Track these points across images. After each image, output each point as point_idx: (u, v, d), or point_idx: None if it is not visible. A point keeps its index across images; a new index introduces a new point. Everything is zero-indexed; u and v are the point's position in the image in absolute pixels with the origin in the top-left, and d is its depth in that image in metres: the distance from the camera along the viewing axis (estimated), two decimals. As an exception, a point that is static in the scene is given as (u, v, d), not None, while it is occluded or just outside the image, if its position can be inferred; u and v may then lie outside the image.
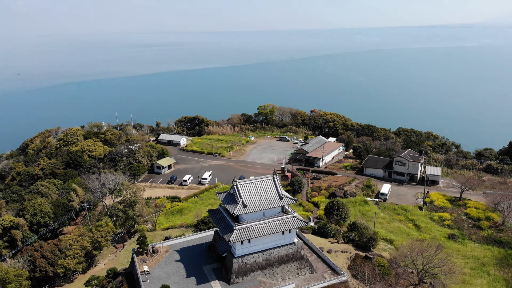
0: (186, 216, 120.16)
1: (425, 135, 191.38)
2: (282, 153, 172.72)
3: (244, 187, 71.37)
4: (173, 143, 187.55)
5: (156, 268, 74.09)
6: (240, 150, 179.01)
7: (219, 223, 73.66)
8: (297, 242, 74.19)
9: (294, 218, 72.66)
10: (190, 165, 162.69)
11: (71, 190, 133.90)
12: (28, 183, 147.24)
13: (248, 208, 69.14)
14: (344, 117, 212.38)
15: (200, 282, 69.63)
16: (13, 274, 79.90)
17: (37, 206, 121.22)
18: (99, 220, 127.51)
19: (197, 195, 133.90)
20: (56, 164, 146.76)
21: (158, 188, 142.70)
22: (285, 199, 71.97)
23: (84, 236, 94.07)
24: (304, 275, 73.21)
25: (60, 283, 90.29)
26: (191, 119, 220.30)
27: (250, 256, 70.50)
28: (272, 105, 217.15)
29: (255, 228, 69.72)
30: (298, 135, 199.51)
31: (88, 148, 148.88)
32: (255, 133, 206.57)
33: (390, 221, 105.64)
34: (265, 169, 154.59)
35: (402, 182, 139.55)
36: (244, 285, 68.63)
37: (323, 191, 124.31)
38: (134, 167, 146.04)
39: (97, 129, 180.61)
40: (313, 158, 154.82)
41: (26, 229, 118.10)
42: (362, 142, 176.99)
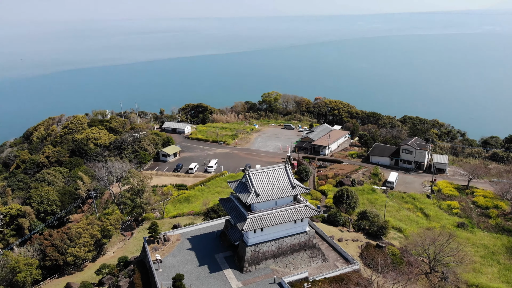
0: (194, 204, 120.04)
1: (430, 123, 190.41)
2: (287, 141, 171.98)
3: (256, 176, 70.84)
4: (177, 131, 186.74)
5: (168, 257, 74.02)
6: (245, 138, 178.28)
7: (231, 212, 73.35)
8: (309, 231, 73.99)
9: (306, 207, 72.31)
10: (195, 153, 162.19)
11: (77, 178, 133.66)
12: (33, 171, 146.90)
13: (261, 197, 68.72)
14: (349, 104, 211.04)
15: (213, 271, 69.58)
16: (23, 263, 79.92)
17: (43, 194, 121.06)
18: (106, 208, 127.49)
19: (204, 183, 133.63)
20: (61, 152, 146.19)
21: (164, 176, 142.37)
22: (297, 188, 71.51)
23: (93, 224, 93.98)
24: (316, 264, 73.17)
25: (70, 271, 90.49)
26: (195, 106, 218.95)
27: (262, 245, 70.35)
28: (276, 92, 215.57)
29: (267, 217, 69.41)
30: (302, 123, 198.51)
31: (93, 136, 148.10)
32: (259, 121, 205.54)
33: (398, 209, 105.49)
34: (271, 157, 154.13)
35: (409, 170, 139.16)
36: (257, 274, 68.60)
37: (330, 180, 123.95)
38: (140, 155, 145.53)
39: (102, 116, 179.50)
40: (319, 146, 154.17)
41: (33, 217, 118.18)
42: (368, 130, 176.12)
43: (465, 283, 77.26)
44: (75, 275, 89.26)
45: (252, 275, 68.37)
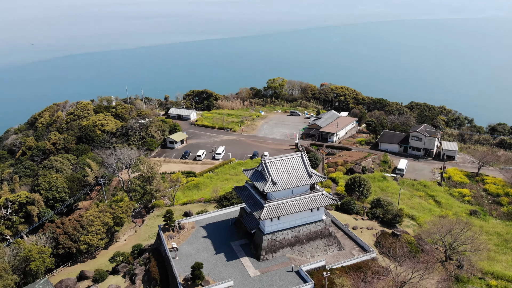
0: (203, 191, 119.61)
1: (438, 110, 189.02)
2: (293, 128, 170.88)
3: (272, 164, 70.06)
4: (183, 117, 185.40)
5: (184, 245, 73.73)
6: (251, 125, 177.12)
7: (247, 200, 72.78)
8: (325, 219, 73.57)
9: (323, 195, 71.72)
10: (202, 140, 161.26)
11: (85, 165, 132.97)
12: (40, 157, 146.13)
13: (278, 186, 68.05)
14: (355, 91, 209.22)
15: (230, 259, 69.35)
16: (36, 252, 79.63)
17: (52, 181, 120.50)
18: (115, 195, 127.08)
19: (212, 170, 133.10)
20: (67, 138, 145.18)
21: (172, 163, 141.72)
22: (314, 177, 70.79)
23: (105, 212, 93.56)
24: (333, 252, 72.95)
25: (82, 259, 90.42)
26: (199, 93, 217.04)
27: (279, 233, 69.98)
28: (282, 78, 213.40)
29: (284, 205, 68.86)
30: (309, 109, 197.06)
31: (100, 122, 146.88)
32: (265, 107, 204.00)
33: (410, 197, 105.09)
34: (278, 144, 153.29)
35: (418, 157, 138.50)
36: (274, 262, 68.38)
37: (339, 167, 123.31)
38: (147, 142, 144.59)
39: (107, 103, 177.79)
40: (327, 133, 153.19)
41: (42, 204, 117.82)
42: (375, 116, 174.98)
43: (480, 271, 77.24)
44: (88, 262, 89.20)
45: (269, 263, 68.15)
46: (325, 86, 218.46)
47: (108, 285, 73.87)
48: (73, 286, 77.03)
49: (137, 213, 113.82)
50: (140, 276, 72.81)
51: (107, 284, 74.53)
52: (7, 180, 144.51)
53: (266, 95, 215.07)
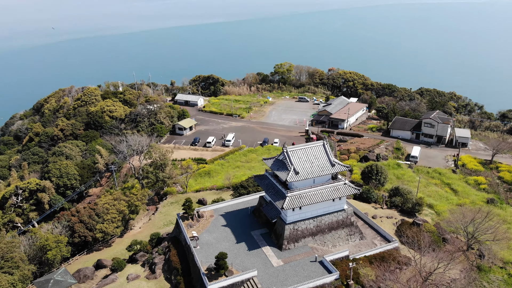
0: (215, 179, 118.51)
1: (448, 96, 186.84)
2: (302, 114, 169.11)
3: (294, 153, 68.69)
4: (190, 103, 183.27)
5: (204, 233, 72.88)
6: (259, 111, 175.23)
7: (268, 190, 71.65)
8: (347, 209, 72.57)
9: (345, 185, 70.56)
10: (210, 127, 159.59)
11: (95, 152, 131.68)
12: (48, 144, 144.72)
13: (300, 175, 66.80)
14: (364, 76, 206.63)
15: (252, 248, 68.58)
16: (53, 241, 78.83)
17: (63, 168, 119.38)
18: (125, 181, 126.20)
19: (223, 157, 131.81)
20: (76, 125, 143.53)
21: (182, 149, 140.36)
22: (337, 166, 69.51)
23: (119, 200, 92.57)
24: (354, 242, 72.19)
25: (98, 247, 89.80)
26: (205, 78, 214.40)
27: (301, 223, 69.04)
28: (289, 63, 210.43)
29: (306, 195, 67.72)
30: (317, 95, 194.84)
31: (108, 108, 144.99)
32: (272, 93, 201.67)
33: (426, 185, 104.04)
34: (288, 131, 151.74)
35: (431, 144, 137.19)
36: (296, 251, 67.61)
37: (353, 154, 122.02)
38: (156, 128, 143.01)
39: (114, 88, 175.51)
40: (337, 120, 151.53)
41: (53, 191, 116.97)
42: (385, 102, 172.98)
43: (501, 260, 76.64)
44: (104, 251, 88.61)
45: (292, 253, 67.39)
46: (333, 71, 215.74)
47: (127, 274, 73.22)
48: (91, 275, 76.45)
49: (149, 200, 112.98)
50: (160, 265, 72.12)
51: (126, 273, 73.90)
52: (15, 166, 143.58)
53: (273, 80, 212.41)
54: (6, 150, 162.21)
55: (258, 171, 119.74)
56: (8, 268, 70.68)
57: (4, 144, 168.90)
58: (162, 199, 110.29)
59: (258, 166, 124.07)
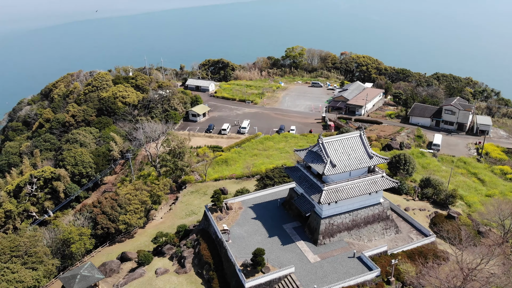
0: (233, 167, 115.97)
1: (464, 81, 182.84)
2: (316, 100, 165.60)
3: (330, 145, 65.83)
4: (201, 88, 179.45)
5: (234, 226, 70.59)
6: (272, 97, 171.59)
7: (301, 182, 69.04)
8: (383, 202, 70.13)
9: (383, 178, 67.92)
10: (223, 113, 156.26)
11: (109, 139, 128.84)
12: (59, 130, 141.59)
13: (337, 168, 64.07)
14: (377, 60, 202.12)
15: (286, 242, 66.34)
16: (76, 234, 76.60)
17: (77, 156, 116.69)
18: (141, 169, 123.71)
19: (239, 145, 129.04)
20: (87, 111, 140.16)
21: (196, 136, 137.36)
22: (375, 158, 66.75)
23: (141, 190, 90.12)
24: (390, 236, 69.98)
25: (120, 238, 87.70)
26: (215, 62, 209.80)
27: (336, 217, 66.65)
28: (301, 47, 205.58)
29: (343, 189, 65.14)
30: (330, 80, 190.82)
31: (120, 94, 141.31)
32: (284, 78, 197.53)
33: (453, 174, 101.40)
34: (303, 117, 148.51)
35: (451, 131, 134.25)
36: (332, 247, 65.42)
37: (374, 142, 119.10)
38: (170, 115, 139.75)
39: (125, 73, 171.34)
40: (355, 106, 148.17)
41: (68, 180, 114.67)
42: (402, 88, 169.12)
43: (537, 254, 74.56)
44: (127, 242, 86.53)
45: (328, 248, 65.20)
46: (346, 55, 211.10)
47: (155, 268, 71.22)
48: (117, 269, 74.48)
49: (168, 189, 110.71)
50: (190, 259, 70.02)
51: (154, 267, 71.91)
52: (26, 154, 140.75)
53: (284, 64, 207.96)
54: (15, 137, 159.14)
55: (277, 160, 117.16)
56: (32, 264, 68.57)
57: (13, 130, 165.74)
58: (181, 188, 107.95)
59: (276, 154, 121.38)
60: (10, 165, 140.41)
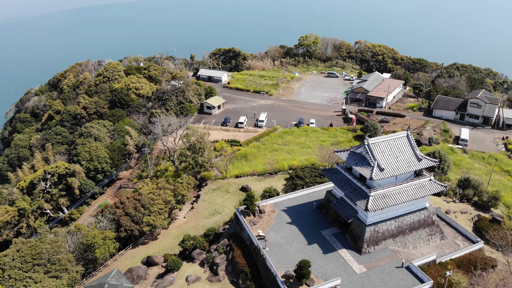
0: (253, 163, 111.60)
1: (484, 72, 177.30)
2: (333, 91, 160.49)
3: (376, 146, 61.33)
4: (214, 79, 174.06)
5: (270, 232, 66.51)
6: (287, 88, 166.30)
7: (343, 186, 64.72)
8: (429, 207, 65.93)
9: (431, 181, 63.59)
10: (238, 105, 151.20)
11: (123, 132, 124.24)
12: (71, 123, 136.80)
13: (385, 172, 59.71)
14: (393, 49, 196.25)
15: (327, 251, 62.32)
16: (100, 238, 72.55)
17: (92, 151, 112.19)
18: (158, 164, 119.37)
19: (257, 139, 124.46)
20: (99, 102, 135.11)
21: (213, 130, 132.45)
22: (424, 161, 62.32)
23: (164, 188, 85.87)
24: (435, 242, 65.98)
25: (143, 240, 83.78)
26: (226, 51, 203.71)
27: (382, 224, 62.51)
28: (315, 35, 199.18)
29: (391, 194, 60.88)
30: (346, 70, 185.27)
31: (133, 85, 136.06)
32: (298, 68, 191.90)
33: (487, 172, 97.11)
34: (322, 110, 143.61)
35: (476, 125, 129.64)
36: (377, 255, 61.43)
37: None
38: (185, 107, 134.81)
39: (136, 63, 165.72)
40: (375, 98, 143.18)
41: (83, 176, 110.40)
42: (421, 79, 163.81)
43: None
44: (150, 244, 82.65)
45: (373, 257, 61.20)
46: (361, 44, 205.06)
47: (186, 275, 67.49)
48: (144, 275, 70.72)
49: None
50: (223, 266, 66.16)
51: (184, 274, 68.15)
52: (36, 147, 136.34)
53: (297, 54, 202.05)
54: (24, 129, 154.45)
55: (299, 155, 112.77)
56: (55, 272, 64.54)
57: (21, 122, 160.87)
58: (202, 185, 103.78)
59: (297, 149, 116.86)
60: (20, 158, 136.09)
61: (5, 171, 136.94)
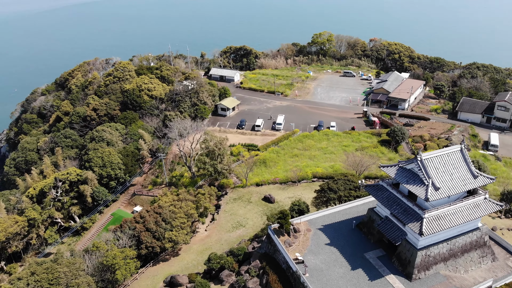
0: (274, 169, 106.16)
1: (505, 72, 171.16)
2: (351, 91, 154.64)
3: (430, 162, 55.78)
4: (226, 79, 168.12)
5: (308, 255, 61.11)
6: (302, 88, 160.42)
7: (390, 205, 59.20)
8: (482, 227, 60.49)
9: (486, 200, 58.10)
10: (253, 106, 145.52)
11: (136, 136, 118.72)
12: (80, 125, 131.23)
13: (441, 192, 54.18)
14: (410, 48, 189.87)
15: (373, 277, 56.90)
16: (121, 258, 67.17)
17: (105, 156, 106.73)
18: (172, 169, 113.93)
19: (276, 143, 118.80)
20: (110, 104, 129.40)
21: (228, 133, 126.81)
22: (480, 178, 56.79)
23: (185, 200, 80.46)
24: (486, 264, 60.64)
25: (164, 256, 78.44)
26: (237, 49, 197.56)
27: (433, 247, 57.10)
28: (329, 33, 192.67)
29: (445, 215, 55.41)
30: (362, 69, 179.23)
31: (146, 86, 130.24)
32: (312, 66, 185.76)
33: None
34: (341, 111, 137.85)
35: (503, 129, 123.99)
36: (429, 282, 56.06)
37: (429, 143, 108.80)
38: (200, 109, 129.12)
39: (146, 62, 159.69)
40: (397, 100, 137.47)
41: (96, 183, 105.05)
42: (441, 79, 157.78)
43: None
44: (172, 261, 77.36)
45: (424, 283, 55.83)
46: (376, 41, 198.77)
47: (216, 299, 62.24)
48: (169, 298, 65.48)
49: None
50: (256, 291, 60.86)
51: (213, 298, 62.93)
52: (44, 150, 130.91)
53: (310, 52, 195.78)
54: (31, 130, 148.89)
55: (322, 162, 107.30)
56: (75, 297, 59.35)
57: (27, 123, 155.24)
58: (222, 194, 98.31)
59: (319, 155, 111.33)
60: (28, 162, 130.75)
61: (12, 175, 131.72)
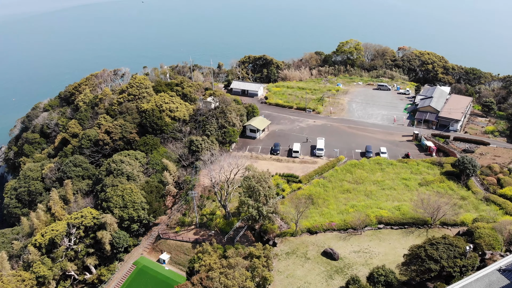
0: (325, 210, 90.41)
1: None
2: (391, 108, 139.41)
3: None
4: (249, 93, 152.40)
5: None
6: (335, 104, 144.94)
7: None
8: None
9: None
10: (284, 126, 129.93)
11: (159, 166, 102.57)
12: (91, 150, 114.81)
13: None
14: (443, 58, 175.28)
15: None
16: None
17: (126, 195, 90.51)
18: (202, 206, 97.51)
19: (320, 173, 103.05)
20: (126, 126, 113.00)
21: (261, 159, 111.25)
22: None
23: (237, 266, 64.51)
24: None
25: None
26: (256, 59, 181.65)
27: None
28: (356, 41, 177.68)
29: None
30: (397, 81, 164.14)
31: (167, 106, 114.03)
32: (339, 78, 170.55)
33: None
34: (387, 133, 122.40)
35: None
36: None
37: (502, 176, 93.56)
38: (228, 132, 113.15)
39: (164, 76, 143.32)
40: (447, 120, 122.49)
41: (115, 227, 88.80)
42: (486, 93, 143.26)
43: None
44: None
45: None
46: (405, 50, 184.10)
47: None
48: None
49: (242, 237, 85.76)
50: None
51: None
52: (50, 178, 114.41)
53: (336, 61, 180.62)
54: (33, 152, 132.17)
55: (382, 200, 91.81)
56: None
57: (29, 143, 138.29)
58: (267, 242, 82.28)
59: (376, 191, 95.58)
60: (31, 193, 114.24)
61: (13, 208, 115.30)
